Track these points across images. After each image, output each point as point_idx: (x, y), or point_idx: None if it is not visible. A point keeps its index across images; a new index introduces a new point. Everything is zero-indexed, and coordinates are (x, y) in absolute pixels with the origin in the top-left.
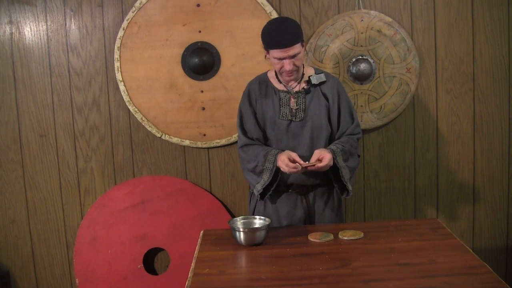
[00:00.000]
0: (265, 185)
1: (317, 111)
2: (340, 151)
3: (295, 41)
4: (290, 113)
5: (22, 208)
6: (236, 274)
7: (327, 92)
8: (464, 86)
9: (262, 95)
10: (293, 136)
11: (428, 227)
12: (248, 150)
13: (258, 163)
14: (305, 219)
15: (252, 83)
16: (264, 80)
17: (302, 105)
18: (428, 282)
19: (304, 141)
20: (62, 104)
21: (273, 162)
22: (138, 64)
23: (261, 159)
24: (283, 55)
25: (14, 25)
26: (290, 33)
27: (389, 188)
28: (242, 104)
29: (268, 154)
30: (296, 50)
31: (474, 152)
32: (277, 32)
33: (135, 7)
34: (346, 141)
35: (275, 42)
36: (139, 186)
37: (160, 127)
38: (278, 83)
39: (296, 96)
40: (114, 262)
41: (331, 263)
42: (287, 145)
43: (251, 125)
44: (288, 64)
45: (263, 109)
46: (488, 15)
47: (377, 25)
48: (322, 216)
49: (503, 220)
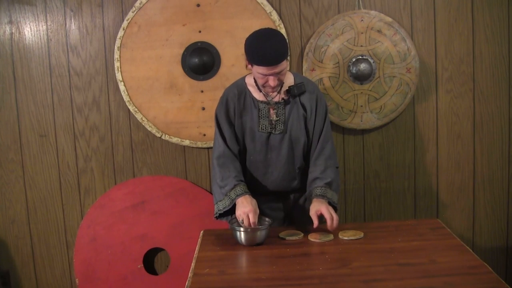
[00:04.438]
0: (226, 209)
1: (296, 123)
2: (329, 190)
3: (282, 59)
4: (269, 125)
5: (22, 208)
6: (236, 274)
7: (305, 103)
8: (464, 86)
9: (241, 107)
10: (272, 148)
11: (428, 227)
12: (224, 164)
13: (225, 186)
14: (284, 221)
15: (229, 92)
16: (243, 89)
17: (282, 117)
18: (428, 282)
19: (283, 153)
20: (62, 104)
21: (236, 195)
22: (138, 64)
23: (230, 184)
24: (269, 72)
25: (14, 25)
26: (278, 51)
27: (389, 188)
28: (219, 112)
29: (238, 186)
30: (282, 67)
31: (474, 152)
32: (265, 49)
33: (135, 7)
34: (323, 170)
35: (261, 60)
36: (139, 186)
37: (160, 127)
38: (257, 92)
39: (275, 107)
40: (114, 262)
41: (331, 263)
42: (265, 157)
43: (228, 136)
44: (273, 80)
45: (242, 120)
46: (488, 15)
47: (377, 25)
48: (301, 219)
49: (503, 220)
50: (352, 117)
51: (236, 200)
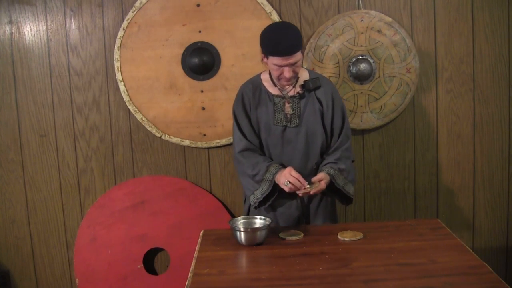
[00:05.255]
0: (265, 194)
1: (312, 117)
2: (338, 172)
3: (296, 49)
4: (285, 119)
5: (22, 208)
6: (236, 274)
7: (321, 98)
8: (464, 86)
9: (256, 101)
10: (288, 142)
11: (428, 227)
12: (249, 156)
13: (259, 172)
14: (299, 219)
15: (245, 87)
16: (258, 84)
17: (297, 111)
18: (428, 282)
19: (299, 148)
20: (62, 104)
21: (273, 174)
22: (138, 64)
23: (262, 168)
24: (284, 63)
25: (14, 25)
26: (292, 41)
27: (389, 188)
28: (236, 108)
29: (271, 166)
30: (297, 58)
31: (474, 152)
32: (279, 39)
33: (135, 7)
34: (339, 158)
35: (276, 50)
36: (139, 186)
37: (160, 127)
38: (272, 87)
39: (290, 101)
40: (114, 262)
41: (331, 263)
42: (282, 151)
43: (247, 131)
44: (288, 71)
45: (258, 114)
46: (488, 15)
47: (377, 25)
48: (316, 216)
49: (503, 220)
50: (352, 117)
51: (275, 177)
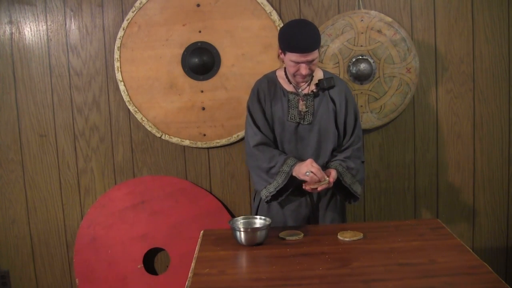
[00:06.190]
0: (279, 187)
1: (325, 115)
2: (345, 170)
3: (315, 47)
4: (298, 116)
5: (22, 208)
6: (236, 274)
7: (335, 97)
8: (464, 86)
9: (271, 96)
10: (300, 138)
11: (428, 227)
12: (264, 150)
13: (276, 164)
14: (309, 218)
15: (261, 82)
16: (273, 80)
17: (311, 108)
18: (428, 282)
19: (311, 145)
20: (62, 104)
21: (291, 166)
22: (138, 64)
23: (280, 160)
24: (301, 60)
25: (14, 25)
26: (312, 38)
27: (389, 188)
28: (251, 103)
29: (288, 159)
30: (314, 56)
31: (474, 152)
32: (299, 36)
33: (135, 7)
34: (349, 156)
35: (295, 46)
36: (139, 186)
37: (160, 127)
38: (287, 84)
39: (305, 98)
40: (114, 262)
41: (331, 263)
42: (295, 148)
43: (262, 125)
44: (305, 68)
45: (272, 109)
46: (488, 15)
47: (377, 25)
48: (325, 215)
49: (503, 220)
50: None
51: (293, 170)
